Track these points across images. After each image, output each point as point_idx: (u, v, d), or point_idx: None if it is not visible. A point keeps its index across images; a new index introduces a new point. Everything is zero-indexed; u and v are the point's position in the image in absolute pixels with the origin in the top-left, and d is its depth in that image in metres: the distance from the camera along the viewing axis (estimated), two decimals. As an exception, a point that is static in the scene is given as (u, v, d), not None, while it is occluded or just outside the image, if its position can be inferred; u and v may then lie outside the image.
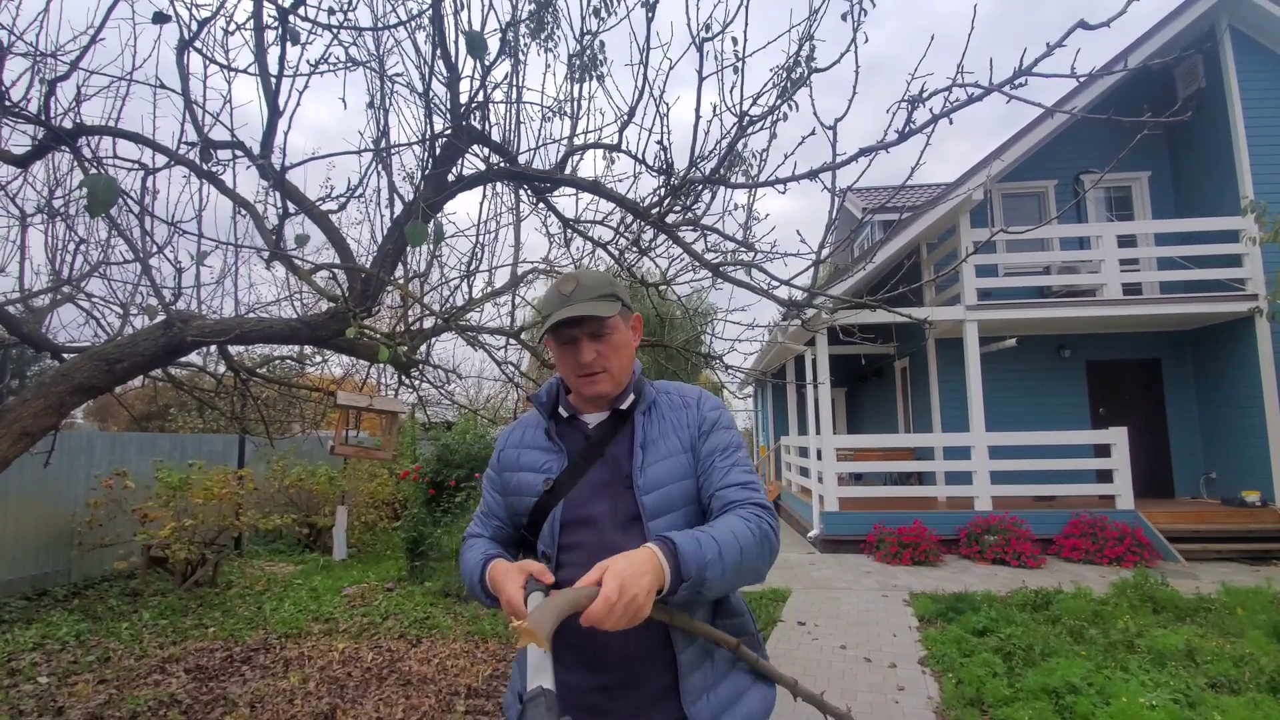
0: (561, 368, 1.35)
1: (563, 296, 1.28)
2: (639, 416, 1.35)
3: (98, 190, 1.65)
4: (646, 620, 1.06)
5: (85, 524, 6.49)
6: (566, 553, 1.27)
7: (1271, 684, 3.85)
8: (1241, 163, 8.96)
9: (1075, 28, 1.47)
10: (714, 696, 1.23)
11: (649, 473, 1.28)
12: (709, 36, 2.12)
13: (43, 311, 3.84)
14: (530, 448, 1.39)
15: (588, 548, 1.25)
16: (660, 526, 1.23)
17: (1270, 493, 8.37)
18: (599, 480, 1.30)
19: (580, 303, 1.26)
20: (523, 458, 1.39)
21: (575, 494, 1.30)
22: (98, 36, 2.07)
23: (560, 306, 1.27)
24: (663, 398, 1.40)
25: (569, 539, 1.27)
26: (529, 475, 1.35)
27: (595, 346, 1.30)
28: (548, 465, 1.34)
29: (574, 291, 1.28)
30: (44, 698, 3.87)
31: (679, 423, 1.35)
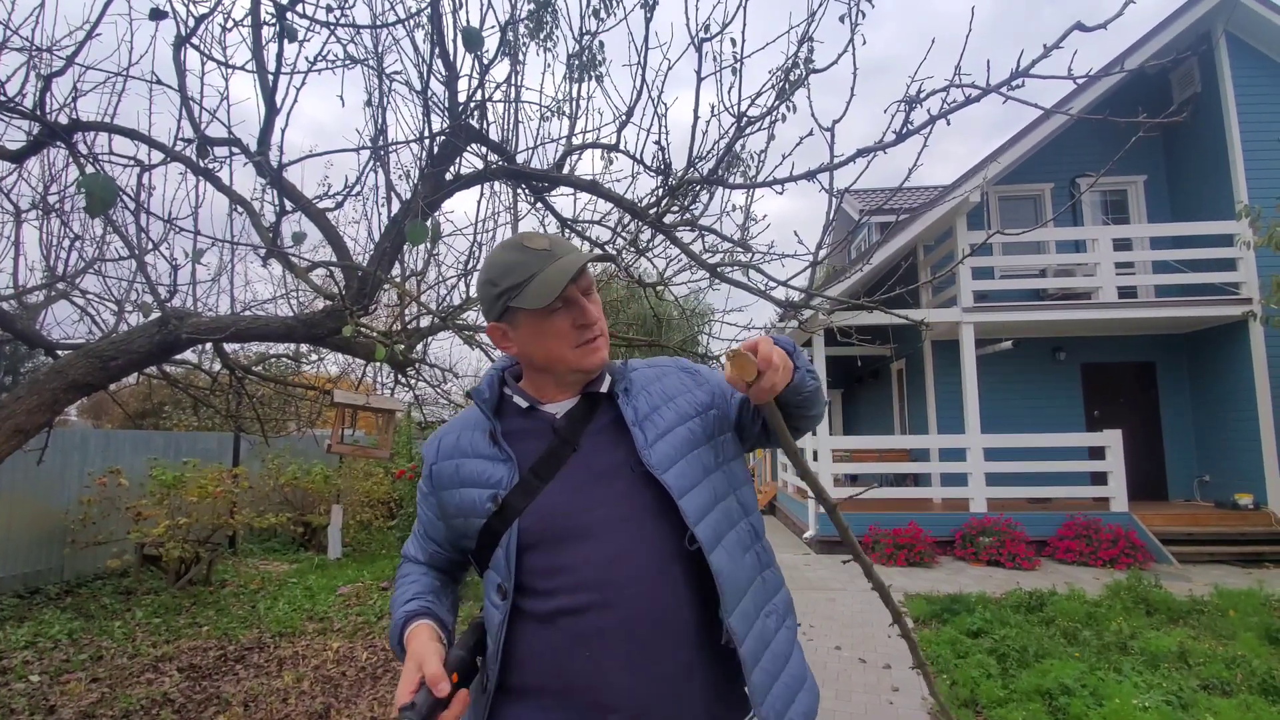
0: (551, 343, 1.09)
1: (544, 253, 1.07)
2: (620, 392, 1.15)
3: (96, 190, 1.65)
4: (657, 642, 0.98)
5: (78, 522, 6.46)
6: (549, 578, 1.03)
7: (1263, 686, 3.87)
8: (1236, 167, 9.01)
9: (1072, 29, 1.47)
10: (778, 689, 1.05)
11: (658, 450, 1.08)
12: (707, 37, 2.12)
13: (37, 308, 3.82)
14: (471, 456, 1.14)
15: (589, 565, 1.02)
16: (693, 504, 1.05)
17: (1263, 495, 8.42)
18: (582, 478, 1.08)
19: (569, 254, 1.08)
20: (463, 470, 1.14)
21: (550, 503, 1.06)
22: (94, 32, 2.06)
23: (547, 263, 1.06)
24: (633, 374, 1.20)
25: (549, 561, 1.04)
26: (473, 492, 1.11)
27: (591, 302, 1.11)
28: (495, 478, 1.09)
29: (551, 244, 1.08)
30: (36, 696, 3.85)
31: (664, 393, 1.17)
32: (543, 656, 1.02)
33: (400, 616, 1.10)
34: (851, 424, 15.85)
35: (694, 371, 1.24)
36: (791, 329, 9.10)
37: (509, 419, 1.16)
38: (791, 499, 11.37)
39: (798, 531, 10.14)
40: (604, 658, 0.99)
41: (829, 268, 11.43)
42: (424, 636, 1.03)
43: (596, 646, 0.99)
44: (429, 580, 1.20)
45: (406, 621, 1.08)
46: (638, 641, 0.99)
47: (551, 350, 1.09)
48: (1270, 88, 9.20)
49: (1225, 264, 8.89)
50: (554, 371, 1.13)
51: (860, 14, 1.94)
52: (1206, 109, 9.49)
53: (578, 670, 0.99)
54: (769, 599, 1.13)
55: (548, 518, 1.05)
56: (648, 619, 1.00)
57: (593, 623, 1.00)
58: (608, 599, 1.00)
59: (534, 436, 1.13)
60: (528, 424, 1.15)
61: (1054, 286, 9.76)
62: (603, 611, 1.00)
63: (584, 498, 1.06)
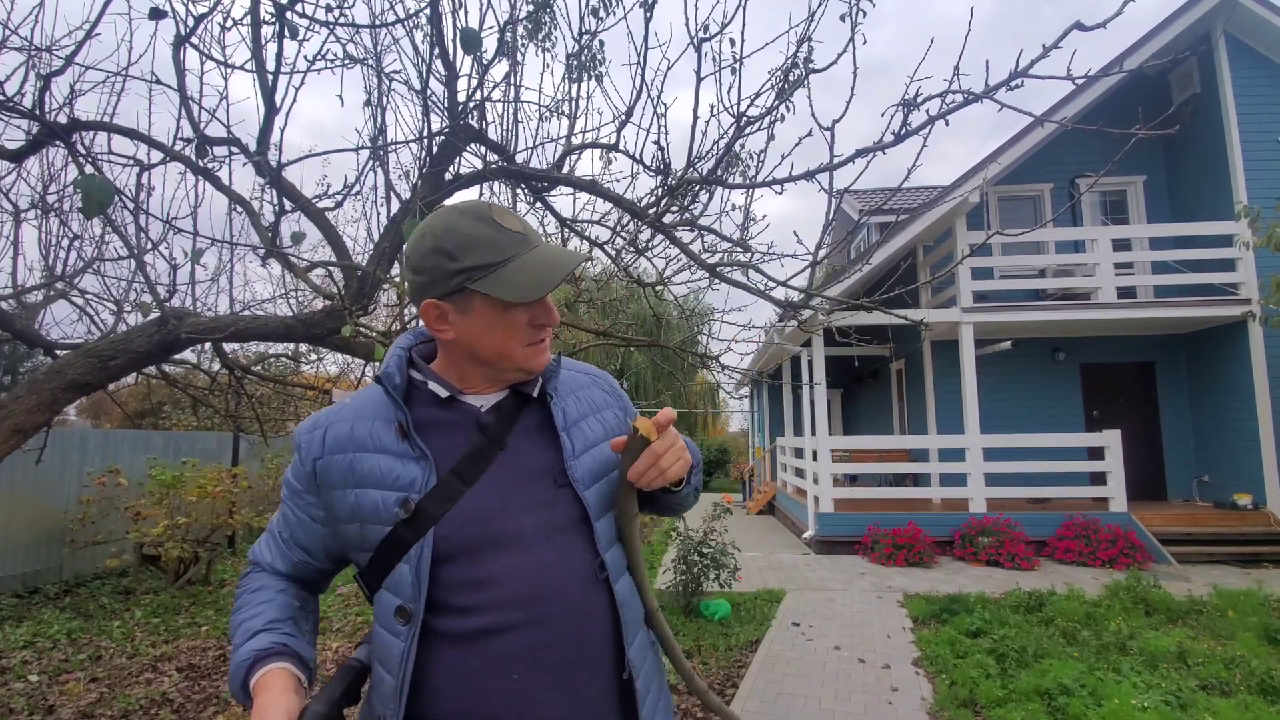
0: (499, 338, 0.96)
1: (519, 236, 0.94)
2: (551, 394, 1.05)
3: (92, 191, 1.65)
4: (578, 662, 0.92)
5: (77, 521, 6.46)
6: (471, 593, 0.90)
7: (1262, 686, 3.88)
8: (1235, 168, 9.02)
9: (1071, 29, 1.48)
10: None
11: (582, 463, 1.00)
12: (707, 37, 2.12)
13: (36, 307, 3.82)
14: (371, 451, 0.96)
15: (516, 576, 0.91)
16: (604, 528, 0.99)
17: (1262, 496, 8.42)
18: (508, 481, 0.96)
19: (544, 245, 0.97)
20: (359, 467, 0.96)
21: (473, 509, 0.93)
22: (93, 31, 2.06)
23: (523, 250, 0.94)
24: (563, 373, 1.10)
25: (470, 574, 0.91)
26: (376, 495, 0.94)
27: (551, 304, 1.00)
28: (405, 479, 0.93)
29: (525, 226, 0.97)
30: (35, 696, 3.85)
31: (595, 402, 1.10)
32: (461, 684, 0.89)
33: (246, 655, 0.90)
34: (851, 424, 15.86)
35: (618, 395, 1.17)
36: (791, 329, 9.10)
37: (420, 408, 0.99)
38: (791, 499, 11.38)
39: (797, 531, 10.14)
40: (530, 681, 0.89)
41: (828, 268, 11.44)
42: (276, 688, 0.86)
43: (523, 669, 0.89)
44: (286, 601, 1.00)
45: (255, 663, 0.89)
46: (565, 663, 0.92)
47: (501, 345, 0.96)
48: (1269, 88, 9.21)
49: (1224, 264, 8.90)
50: (494, 366, 0.99)
51: (860, 14, 1.94)
52: (1206, 109, 9.50)
53: (501, 696, 0.88)
54: (641, 628, 1.07)
55: (470, 525, 0.92)
56: (575, 639, 0.93)
57: (520, 641, 0.89)
58: (538, 615, 0.91)
59: (452, 431, 0.98)
60: (445, 416, 0.99)
61: (1053, 287, 9.77)
62: (532, 629, 0.90)
63: (511, 502, 0.95)
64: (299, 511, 1.02)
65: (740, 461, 20.88)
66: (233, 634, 0.96)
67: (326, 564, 1.06)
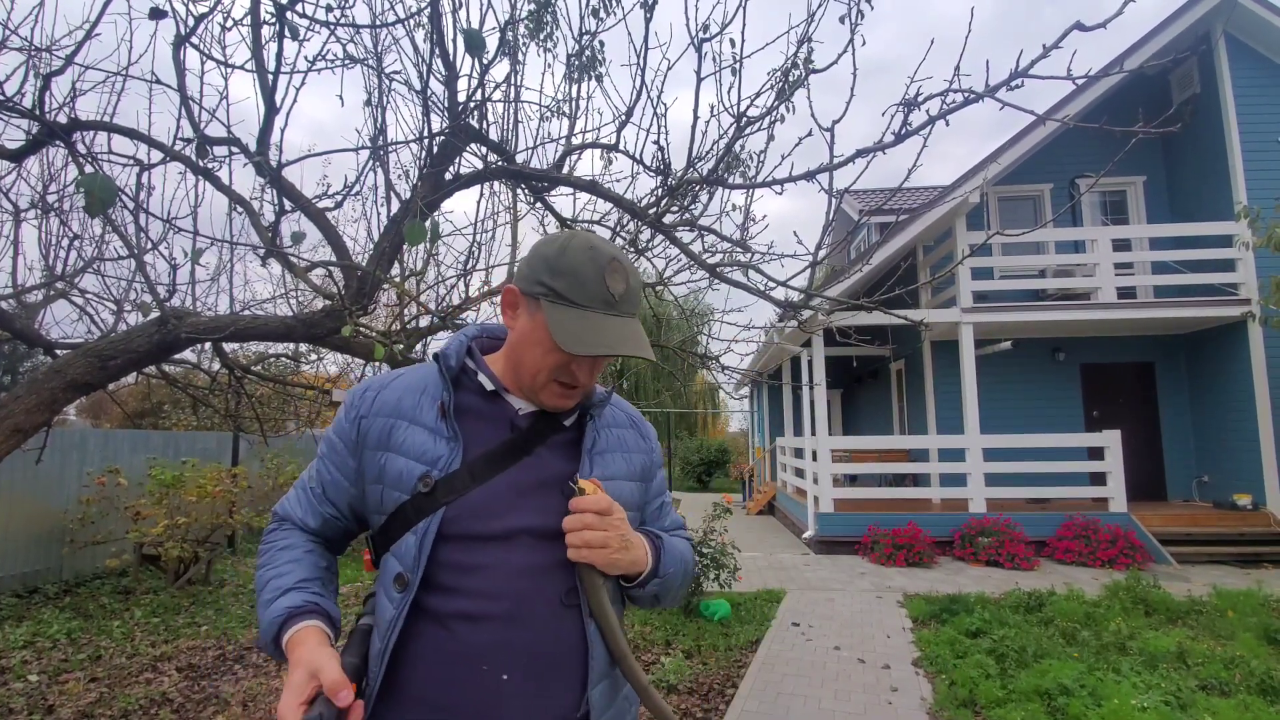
0: (536, 357, 0.99)
1: (611, 297, 0.97)
2: (590, 421, 1.09)
3: (95, 190, 1.65)
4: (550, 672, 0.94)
5: (77, 521, 6.45)
6: (458, 575, 0.93)
7: (1262, 686, 3.88)
8: (1235, 168, 9.02)
9: (1071, 29, 1.48)
10: None
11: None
12: (707, 37, 2.12)
13: (36, 307, 3.82)
14: (412, 423, 1.01)
15: (500, 571, 0.94)
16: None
17: (1261, 496, 8.42)
18: (521, 484, 0.99)
19: (629, 317, 1.01)
20: (397, 434, 1.00)
21: (482, 500, 0.96)
22: (93, 31, 2.06)
23: (605, 308, 0.97)
24: (609, 408, 1.15)
25: (462, 557, 0.94)
26: (404, 463, 0.98)
27: (595, 363, 1.03)
28: (433, 456, 0.97)
29: (624, 295, 0.99)
30: (34, 696, 3.85)
31: (626, 443, 1.13)
32: (434, 664, 0.92)
33: (280, 612, 0.93)
34: (851, 424, 15.86)
35: (652, 446, 1.21)
36: (791, 329, 9.10)
37: (465, 394, 1.04)
38: (791, 499, 11.38)
39: (797, 531, 10.14)
40: (496, 677, 0.91)
41: (828, 268, 11.44)
42: (312, 642, 0.89)
43: (492, 663, 0.91)
44: (314, 561, 1.04)
45: (289, 619, 0.92)
46: (538, 669, 0.93)
47: (536, 365, 1.00)
48: (1269, 89, 9.21)
49: (1224, 264, 8.90)
50: (524, 380, 1.04)
51: (860, 14, 1.94)
52: (1206, 110, 9.50)
53: (472, 686, 0.90)
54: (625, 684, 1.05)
55: (475, 513, 0.95)
56: (553, 648, 0.95)
57: (493, 634, 0.92)
58: (513, 614, 0.93)
59: (488, 423, 1.03)
60: (485, 407, 1.04)
61: (1053, 287, 9.77)
62: (506, 626, 0.92)
63: (519, 504, 0.98)
64: (333, 468, 1.06)
65: (740, 462, 20.89)
66: (260, 589, 0.99)
67: (352, 523, 1.09)
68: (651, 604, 1.11)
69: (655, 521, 1.20)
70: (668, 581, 1.07)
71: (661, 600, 1.11)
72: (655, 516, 1.20)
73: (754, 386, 18.28)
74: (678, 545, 1.14)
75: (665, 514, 1.23)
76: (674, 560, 1.09)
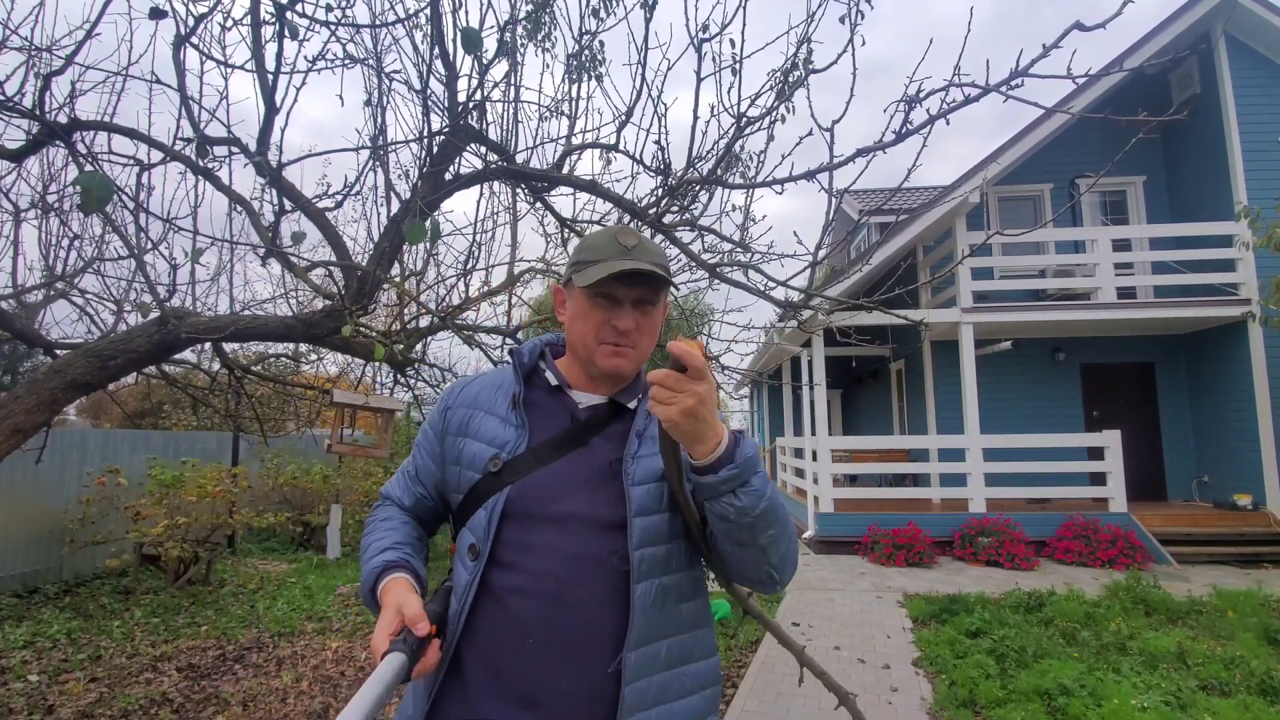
0: (582, 327, 1.11)
1: (623, 248, 1.07)
2: (644, 407, 1.15)
3: (92, 188, 1.65)
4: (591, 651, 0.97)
5: (77, 521, 6.45)
6: (516, 553, 1.04)
7: (1262, 686, 3.88)
8: (1235, 168, 9.02)
9: (1071, 29, 1.48)
10: None
11: (642, 464, 1.08)
12: (707, 37, 2.12)
13: (36, 307, 3.82)
14: (488, 413, 1.15)
15: (552, 552, 1.03)
16: (644, 528, 1.04)
17: (1261, 496, 8.42)
18: (576, 472, 1.08)
19: (645, 262, 1.07)
20: (474, 422, 1.15)
21: (540, 483, 1.07)
22: (93, 31, 2.06)
23: (619, 257, 1.06)
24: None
25: (521, 536, 1.04)
26: (478, 446, 1.12)
27: (636, 316, 1.09)
28: (502, 440, 1.11)
29: (636, 247, 1.08)
30: (34, 696, 3.85)
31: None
32: (491, 634, 1.02)
33: (378, 564, 1.07)
34: (851, 424, 15.86)
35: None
36: (791, 329, 9.10)
37: (535, 391, 1.18)
38: (791, 499, 11.38)
39: (797, 531, 10.13)
40: (543, 651, 0.99)
41: (828, 268, 11.44)
42: (403, 588, 1.02)
43: (539, 637, 1.00)
44: (409, 530, 1.18)
45: (384, 571, 1.06)
46: (576, 646, 0.99)
47: (583, 336, 1.11)
48: (1269, 88, 9.21)
49: (1224, 265, 8.90)
50: (581, 358, 1.15)
51: (859, 15, 1.94)
52: (1206, 109, 9.50)
53: (516, 656, 1.00)
54: (691, 659, 1.08)
55: (534, 495, 1.06)
56: (591, 628, 1.00)
57: (540, 611, 1.00)
58: (560, 593, 1.01)
59: (551, 415, 1.14)
60: (550, 401, 1.16)
61: (1053, 287, 9.77)
62: (553, 604, 1.00)
63: (572, 491, 1.06)
64: (424, 453, 1.21)
65: (740, 461, 20.81)
66: (363, 553, 1.13)
67: (439, 503, 1.22)
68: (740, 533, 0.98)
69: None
70: (754, 493, 0.95)
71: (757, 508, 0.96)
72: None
73: (754, 386, 18.28)
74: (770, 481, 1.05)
75: None
76: (763, 476, 0.98)
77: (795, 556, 1.09)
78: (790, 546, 1.06)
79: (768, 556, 1.03)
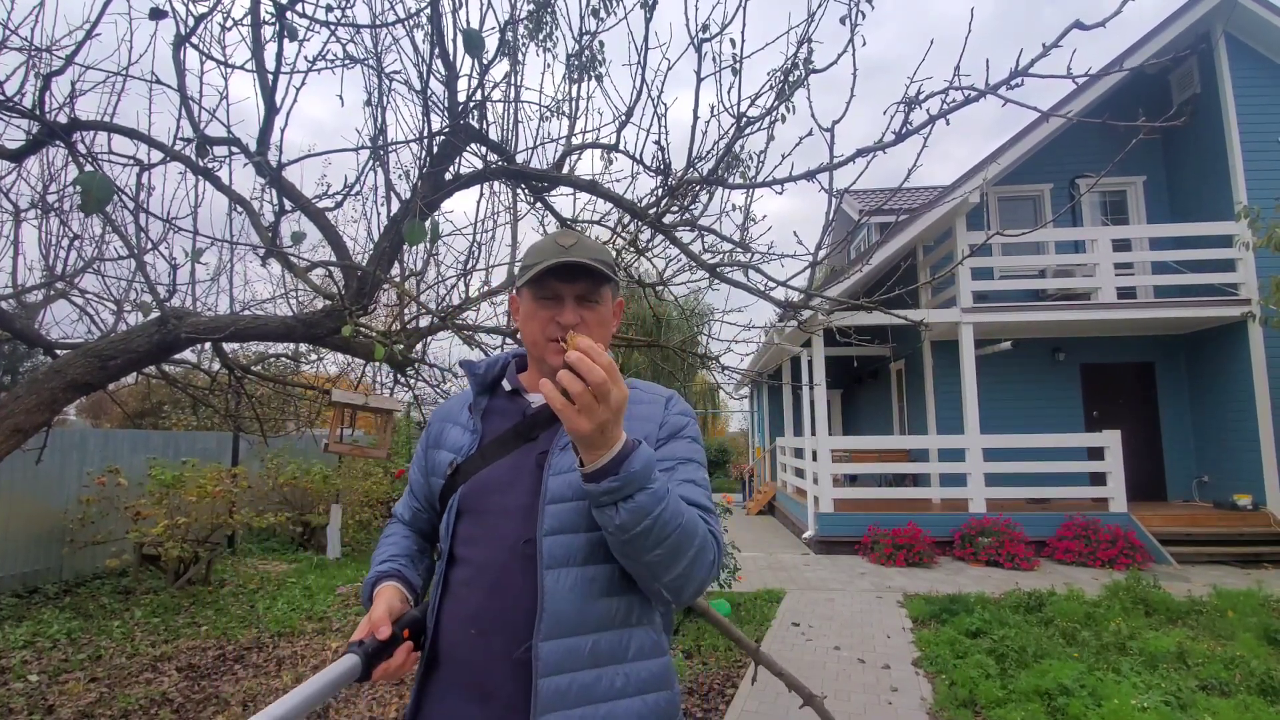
0: (530, 327, 1.15)
1: (560, 248, 1.11)
2: None
3: (92, 188, 1.65)
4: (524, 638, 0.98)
5: (77, 521, 6.45)
6: (466, 547, 1.10)
7: (1262, 686, 3.88)
8: (1235, 168, 9.02)
9: (1071, 28, 1.48)
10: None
11: (568, 454, 1.06)
12: (707, 37, 2.12)
13: (36, 307, 3.82)
14: (454, 423, 1.24)
15: (492, 542, 1.07)
16: (555, 515, 1.03)
17: (1262, 496, 8.42)
18: (522, 466, 1.12)
19: (581, 257, 1.11)
20: (444, 434, 1.24)
21: (486, 479, 1.12)
22: (93, 31, 2.06)
23: (557, 256, 1.10)
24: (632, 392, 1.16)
25: (469, 531, 1.10)
26: (443, 454, 1.21)
27: (580, 311, 1.12)
28: (460, 445, 1.18)
29: (574, 246, 1.12)
30: (34, 696, 3.85)
31: (640, 414, 1.15)
32: (449, 626, 1.07)
33: (373, 575, 1.18)
34: (851, 424, 15.86)
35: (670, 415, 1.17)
36: (791, 329, 9.10)
37: (496, 399, 1.24)
38: (791, 499, 11.38)
39: (797, 531, 10.14)
40: (487, 640, 1.02)
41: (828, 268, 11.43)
42: (387, 594, 1.11)
43: (481, 626, 1.03)
44: (407, 544, 1.26)
45: (377, 580, 1.15)
46: (513, 632, 1.01)
47: (530, 335, 1.16)
48: (1269, 89, 9.21)
49: (1224, 265, 8.90)
50: (535, 358, 1.19)
51: (860, 15, 1.94)
52: (1206, 109, 9.50)
53: (469, 648, 1.04)
54: (626, 659, 1.03)
55: (480, 491, 1.12)
56: (524, 612, 1.01)
57: (481, 601, 1.04)
58: (497, 580, 1.04)
59: (506, 418, 1.19)
60: (507, 405, 1.21)
61: (1053, 287, 9.77)
62: (490, 592, 1.04)
63: (516, 482, 1.10)
64: (416, 469, 1.28)
65: (740, 462, 20.88)
66: (371, 567, 1.21)
67: (434, 515, 1.25)
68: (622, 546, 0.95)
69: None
70: (635, 509, 0.90)
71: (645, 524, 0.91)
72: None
73: (754, 386, 18.28)
74: (676, 494, 0.98)
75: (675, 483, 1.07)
76: (654, 494, 0.91)
77: (700, 578, 1.01)
78: (693, 568, 0.98)
79: (656, 575, 0.97)
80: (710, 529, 1.03)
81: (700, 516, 1.02)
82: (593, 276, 1.12)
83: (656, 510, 0.91)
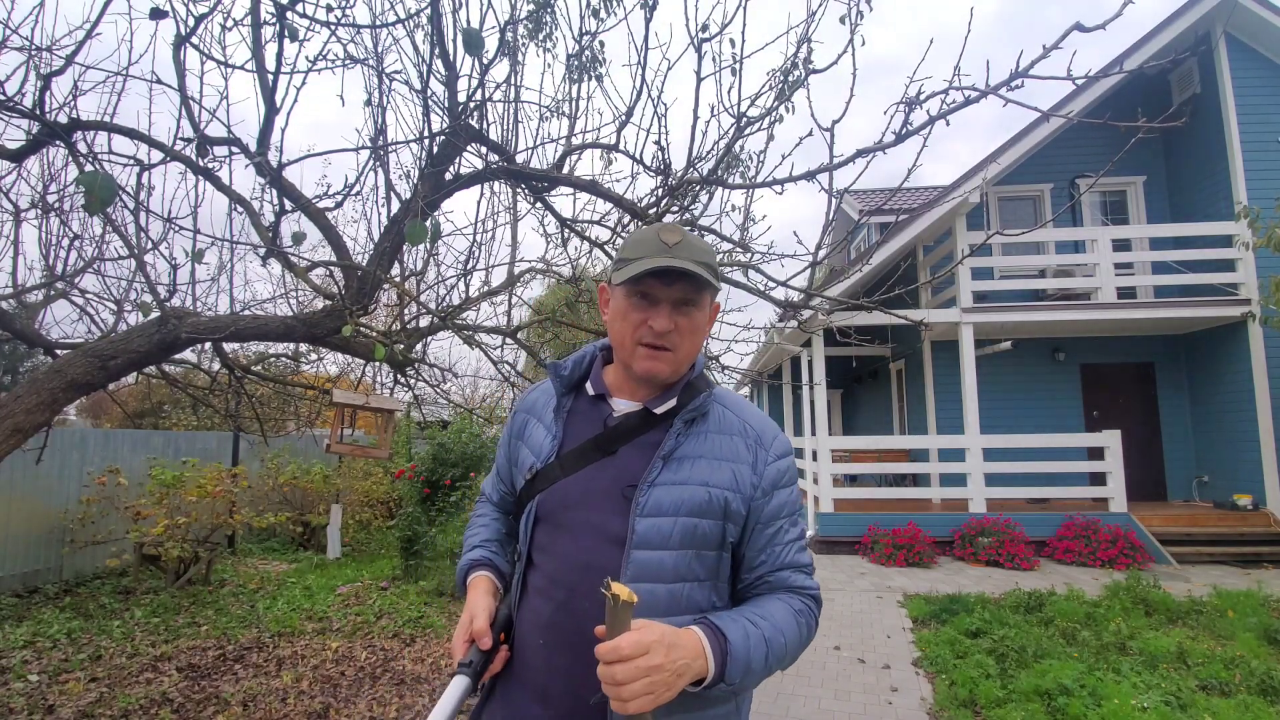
0: (620, 327, 1.09)
1: (664, 245, 1.04)
2: (678, 423, 1.09)
3: (95, 188, 1.65)
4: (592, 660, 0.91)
5: (77, 521, 6.45)
6: (541, 555, 1.09)
7: (1262, 686, 3.88)
8: (1235, 168, 9.02)
9: (1071, 29, 1.48)
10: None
11: (657, 494, 1.03)
12: (707, 37, 2.12)
13: (36, 307, 3.82)
14: (538, 420, 1.20)
15: (564, 558, 1.06)
16: (644, 561, 1.00)
17: (1261, 496, 8.42)
18: (598, 482, 1.07)
19: (685, 260, 1.03)
20: (527, 429, 1.21)
21: (563, 491, 1.09)
22: (94, 31, 2.06)
23: (660, 255, 1.03)
24: (717, 410, 1.13)
25: (545, 540, 1.09)
26: (525, 453, 1.18)
27: (675, 317, 1.06)
28: (540, 448, 1.15)
29: (678, 245, 1.05)
30: (34, 696, 3.85)
31: (726, 451, 1.09)
32: (522, 627, 1.09)
33: (466, 562, 1.21)
34: (850, 424, 15.86)
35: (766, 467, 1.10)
36: (791, 329, 9.10)
37: (581, 398, 1.19)
38: (791, 499, 11.36)
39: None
40: (551, 652, 1.04)
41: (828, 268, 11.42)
42: (481, 588, 1.13)
43: (550, 638, 1.04)
44: (497, 527, 1.29)
45: (471, 568, 1.19)
46: (578, 652, 0.99)
47: (619, 334, 1.11)
48: (1269, 89, 9.21)
49: (1224, 265, 8.90)
50: (621, 358, 1.14)
51: (859, 15, 1.95)
52: (1206, 110, 9.50)
53: (533, 651, 1.06)
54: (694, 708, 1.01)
55: (557, 502, 1.09)
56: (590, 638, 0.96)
57: (550, 614, 1.05)
58: (567, 600, 1.04)
59: (589, 423, 1.15)
60: (590, 410, 1.17)
61: (1053, 287, 9.77)
62: (560, 608, 1.04)
63: (589, 500, 1.07)
64: (502, 453, 1.28)
65: (740, 461, 20.78)
66: (461, 560, 1.24)
67: (515, 497, 1.25)
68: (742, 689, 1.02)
69: (756, 554, 1.07)
70: (749, 678, 0.96)
71: (749, 687, 1.02)
72: (758, 547, 1.07)
73: (754, 386, 18.27)
74: (761, 629, 0.98)
75: (775, 547, 1.07)
76: (752, 656, 0.94)
77: (790, 661, 1.05)
78: (782, 663, 1.03)
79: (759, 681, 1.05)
80: (812, 615, 1.08)
81: (807, 607, 1.07)
82: (694, 281, 1.04)
83: (764, 671, 0.99)
